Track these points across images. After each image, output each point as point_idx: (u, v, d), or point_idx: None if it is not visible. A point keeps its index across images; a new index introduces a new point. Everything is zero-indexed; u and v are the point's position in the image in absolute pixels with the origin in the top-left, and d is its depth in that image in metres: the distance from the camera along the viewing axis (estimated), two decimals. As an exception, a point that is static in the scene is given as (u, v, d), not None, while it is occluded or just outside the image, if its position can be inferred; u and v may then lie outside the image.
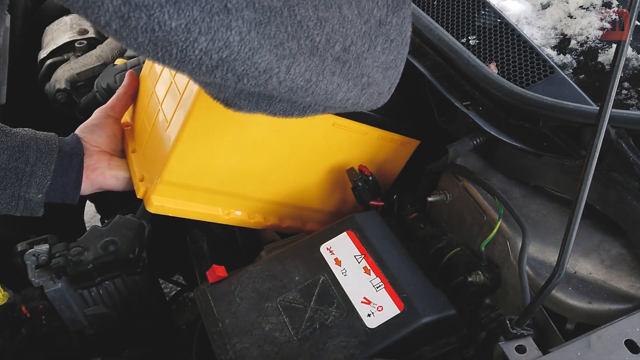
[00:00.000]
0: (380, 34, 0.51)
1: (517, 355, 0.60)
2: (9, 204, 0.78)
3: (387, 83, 0.57)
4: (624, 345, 0.60)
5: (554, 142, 0.76)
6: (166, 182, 0.79)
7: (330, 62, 0.49)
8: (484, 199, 0.79)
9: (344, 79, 0.52)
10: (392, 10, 0.51)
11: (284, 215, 0.95)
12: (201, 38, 0.41)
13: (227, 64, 0.44)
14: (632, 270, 0.70)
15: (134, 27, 0.39)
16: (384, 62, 0.54)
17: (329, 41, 0.47)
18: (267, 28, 0.43)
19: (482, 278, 0.76)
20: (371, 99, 0.57)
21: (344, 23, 0.47)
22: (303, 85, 0.49)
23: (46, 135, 0.82)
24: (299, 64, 0.47)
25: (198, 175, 0.81)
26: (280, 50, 0.45)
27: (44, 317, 1.00)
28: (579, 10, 0.97)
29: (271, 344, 0.70)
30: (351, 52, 0.49)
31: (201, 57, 0.43)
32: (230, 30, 0.42)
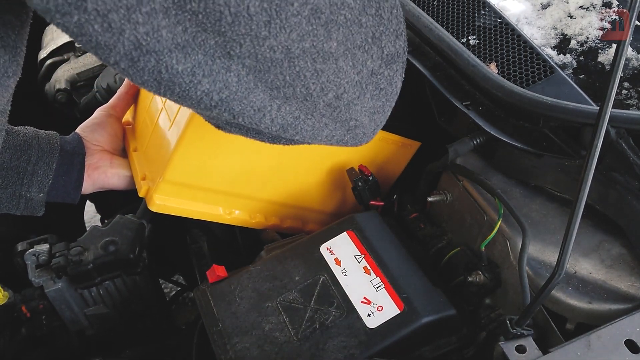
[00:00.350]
0: (370, 83, 0.53)
1: (517, 355, 0.60)
2: (10, 202, 0.78)
3: (373, 125, 0.60)
4: (624, 345, 0.60)
5: (554, 142, 0.76)
6: (168, 181, 0.79)
7: (321, 107, 0.51)
8: (484, 199, 0.79)
9: (332, 121, 0.54)
10: (386, 63, 0.53)
11: (284, 216, 0.95)
12: (204, 80, 0.43)
13: (226, 104, 0.46)
14: (632, 270, 0.70)
15: (142, 68, 0.41)
16: (372, 107, 0.56)
17: (323, 89, 0.49)
18: (266, 75, 0.45)
19: (482, 278, 0.76)
20: (355, 138, 0.60)
21: (338, 74, 0.49)
22: (292, 123, 0.51)
23: (47, 134, 0.82)
24: (292, 106, 0.49)
25: (200, 175, 0.81)
26: (275, 93, 0.47)
27: (44, 317, 1.00)
28: (579, 10, 0.97)
29: (271, 344, 0.70)
30: (343, 99, 0.52)
31: (202, 97, 0.45)
32: (229, 72, 0.44)
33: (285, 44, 0.43)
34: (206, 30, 0.40)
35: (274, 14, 0.41)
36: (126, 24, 0.38)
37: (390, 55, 0.53)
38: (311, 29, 0.44)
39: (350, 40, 0.48)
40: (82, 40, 0.39)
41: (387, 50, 0.52)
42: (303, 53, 0.45)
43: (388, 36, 0.51)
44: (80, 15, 0.37)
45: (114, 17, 0.37)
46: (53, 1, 0.36)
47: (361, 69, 0.51)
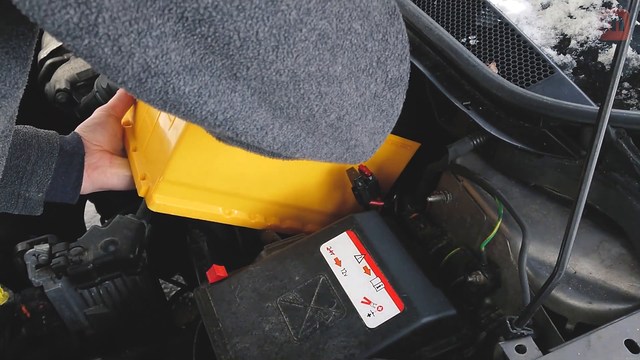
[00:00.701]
0: (373, 105, 0.54)
1: (517, 355, 0.60)
2: (9, 202, 0.78)
3: (372, 145, 0.60)
4: (624, 345, 0.60)
5: (554, 142, 0.75)
6: (168, 181, 0.79)
7: (323, 127, 0.52)
8: (483, 199, 0.79)
9: (333, 140, 0.55)
10: (389, 86, 0.54)
11: (284, 216, 0.95)
12: (210, 101, 0.44)
13: (230, 123, 0.47)
14: (632, 270, 0.70)
15: (149, 88, 0.42)
16: (373, 128, 0.57)
17: (326, 111, 0.50)
18: (270, 96, 0.46)
19: (482, 278, 0.76)
20: (355, 157, 0.61)
21: (342, 96, 0.50)
22: (293, 141, 0.52)
23: (47, 133, 0.82)
24: (293, 125, 0.50)
25: (199, 175, 0.81)
26: (279, 113, 0.48)
27: (44, 317, 1.00)
28: (579, 10, 0.97)
29: (271, 344, 0.70)
30: (344, 120, 0.52)
31: (207, 116, 0.45)
32: (234, 92, 0.44)
33: (292, 68, 0.44)
34: (214, 52, 0.41)
35: (282, 39, 0.42)
36: (136, 47, 0.38)
37: (394, 79, 0.54)
38: (318, 54, 0.44)
39: (355, 64, 0.48)
40: (92, 62, 0.39)
41: (391, 74, 0.53)
42: (308, 76, 0.45)
43: (393, 60, 0.52)
44: (91, 39, 0.37)
45: (124, 41, 0.38)
46: (65, 25, 0.36)
47: (364, 91, 0.51)
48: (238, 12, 0.39)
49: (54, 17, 0.35)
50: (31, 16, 0.35)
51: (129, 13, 0.37)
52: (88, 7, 0.35)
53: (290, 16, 0.41)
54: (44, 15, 0.35)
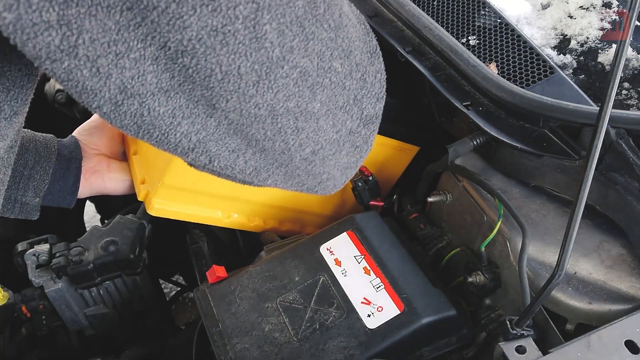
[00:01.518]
0: (348, 141, 0.54)
1: (517, 356, 0.60)
2: (5, 206, 0.77)
3: (344, 178, 0.61)
4: (624, 346, 0.60)
5: (554, 143, 0.75)
6: (167, 185, 0.80)
7: (297, 161, 0.52)
8: (483, 200, 0.79)
9: (306, 174, 0.55)
10: (364, 123, 0.54)
11: (283, 219, 0.95)
12: (183, 122, 0.44)
13: (203, 145, 0.46)
14: (632, 270, 0.70)
15: (124, 112, 0.42)
16: (346, 163, 0.57)
17: (301, 145, 0.50)
18: (247, 128, 0.46)
19: (482, 278, 0.76)
20: (326, 189, 0.61)
21: (318, 132, 0.50)
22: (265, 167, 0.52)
23: (45, 137, 0.81)
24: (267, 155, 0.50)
25: (198, 179, 0.81)
26: (253, 143, 0.48)
27: (44, 317, 1.00)
28: (579, 10, 0.97)
29: (271, 345, 0.70)
30: (318, 154, 0.53)
31: (180, 140, 0.45)
32: (210, 118, 0.44)
33: (271, 103, 0.44)
34: (194, 82, 0.41)
35: (264, 75, 0.42)
36: (113, 68, 0.38)
37: (369, 117, 0.54)
38: (297, 90, 0.45)
39: (333, 102, 0.48)
40: (68, 85, 0.39)
41: (366, 112, 0.53)
42: (287, 112, 0.46)
43: (370, 99, 0.52)
44: (71, 61, 0.37)
45: (102, 62, 0.38)
46: (45, 48, 0.36)
47: (340, 127, 0.52)
48: (222, 46, 0.39)
49: (36, 40, 0.35)
50: (12, 39, 0.35)
51: (109, 35, 0.37)
52: (69, 28, 0.35)
53: (273, 53, 0.41)
54: (26, 38, 0.35)
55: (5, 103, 0.46)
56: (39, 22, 0.35)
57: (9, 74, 0.45)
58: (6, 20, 0.34)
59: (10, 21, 0.34)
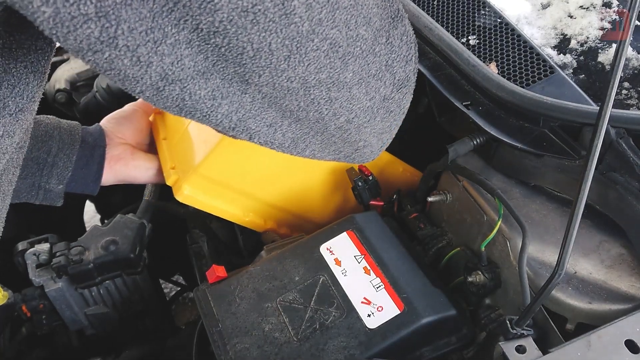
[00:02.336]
0: (382, 108, 0.55)
1: (517, 356, 0.60)
2: (29, 193, 0.78)
3: (380, 144, 0.61)
4: (624, 346, 0.60)
5: (554, 142, 0.75)
6: (201, 174, 0.80)
7: (332, 129, 0.53)
8: (483, 199, 0.79)
9: (342, 141, 0.56)
10: (397, 87, 0.54)
11: (295, 227, 0.95)
12: (223, 102, 0.45)
13: (243, 123, 0.48)
14: (632, 270, 0.70)
15: (166, 96, 0.43)
16: (381, 128, 0.58)
17: (335, 114, 0.51)
18: (281, 101, 0.47)
19: (482, 278, 0.76)
20: (363, 156, 0.61)
21: (351, 100, 0.50)
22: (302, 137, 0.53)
23: (69, 124, 0.81)
24: (302, 125, 0.51)
25: (230, 175, 0.83)
26: (288, 115, 0.49)
27: (44, 316, 1.00)
28: (579, 10, 0.97)
29: (271, 345, 0.70)
30: (353, 123, 0.53)
31: (222, 120, 0.46)
32: (245, 94, 0.45)
33: (303, 75, 0.45)
34: (227, 60, 0.42)
35: (294, 49, 0.42)
36: (153, 56, 0.39)
37: (401, 80, 0.54)
38: (329, 62, 0.45)
39: (365, 70, 0.49)
40: (111, 74, 0.40)
41: (398, 76, 0.53)
42: (319, 83, 0.46)
43: (399, 62, 0.53)
44: (112, 52, 0.38)
45: (142, 51, 0.39)
46: (86, 40, 0.37)
47: (374, 95, 0.52)
48: (252, 25, 0.39)
49: (76, 33, 0.36)
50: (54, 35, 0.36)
51: (145, 23, 0.37)
52: (108, 20, 0.36)
53: (302, 27, 0.41)
54: (67, 32, 0.36)
55: (10, 99, 0.46)
56: (78, 15, 0.35)
57: (14, 71, 0.45)
58: (45, 14, 0.35)
59: (49, 15, 0.35)
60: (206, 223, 1.05)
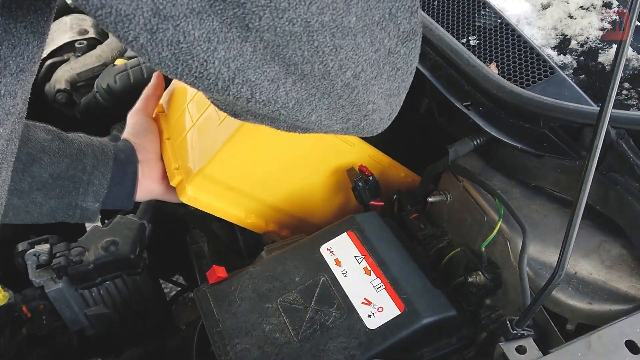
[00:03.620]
0: (388, 62, 0.53)
1: (518, 356, 0.60)
2: (66, 212, 0.77)
3: (389, 109, 0.59)
4: (624, 346, 0.60)
5: (554, 143, 0.75)
6: (205, 175, 0.80)
7: (339, 87, 0.51)
8: (484, 200, 0.79)
9: (350, 104, 0.53)
10: (402, 41, 0.52)
11: (296, 229, 0.96)
12: (219, 47, 0.43)
13: (242, 75, 0.45)
14: (633, 271, 0.70)
15: (160, 40, 0.41)
16: (388, 89, 0.56)
17: (341, 67, 0.49)
18: (284, 50, 0.45)
19: (483, 279, 0.76)
20: (372, 124, 0.59)
21: (357, 51, 0.49)
22: (307, 99, 0.50)
23: (101, 142, 0.80)
24: (308, 83, 0.49)
25: (235, 176, 0.83)
26: (292, 69, 0.47)
27: (44, 317, 1.00)
28: (579, 10, 0.97)
29: (271, 345, 0.70)
30: (360, 78, 0.51)
31: (220, 69, 0.44)
32: (246, 42, 0.43)
33: (305, 17, 0.43)
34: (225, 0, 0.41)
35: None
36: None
37: (405, 33, 0.52)
38: (331, 2, 0.44)
39: (369, 16, 0.47)
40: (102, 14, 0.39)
41: (402, 28, 0.51)
42: (322, 27, 0.45)
43: (404, 12, 0.51)
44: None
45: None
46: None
47: (379, 47, 0.50)
48: None
49: None
50: None
51: None
52: None
53: None
54: None
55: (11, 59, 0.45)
56: None
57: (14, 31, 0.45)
58: None
59: None
60: (206, 223, 1.05)
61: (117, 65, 1.23)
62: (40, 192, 0.74)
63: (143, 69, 1.18)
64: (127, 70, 1.19)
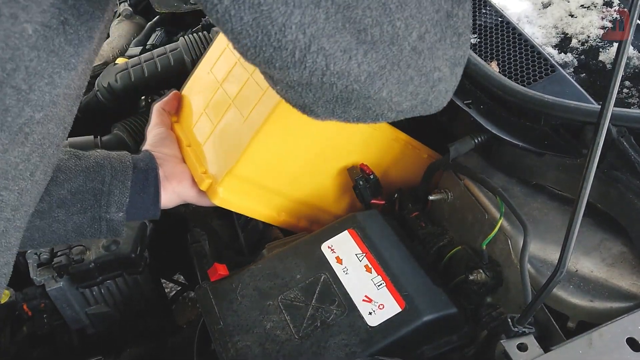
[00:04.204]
0: (449, 27, 0.53)
1: (519, 354, 0.60)
2: (92, 227, 0.76)
3: (454, 80, 0.59)
4: (625, 343, 0.60)
5: (555, 141, 0.76)
6: (235, 175, 0.80)
7: (407, 53, 0.51)
8: (485, 198, 0.79)
9: (417, 73, 0.53)
10: (457, 3, 0.53)
11: (324, 223, 0.95)
12: (296, 11, 0.44)
13: (317, 42, 0.46)
14: (634, 268, 0.70)
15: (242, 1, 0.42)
16: (452, 56, 0.56)
17: (407, 27, 0.49)
18: (354, 12, 0.46)
19: (483, 277, 0.76)
20: (439, 97, 0.58)
21: (420, 9, 0.49)
22: (378, 72, 0.51)
23: (119, 154, 0.80)
24: (378, 53, 0.49)
25: (264, 173, 0.83)
26: (363, 37, 0.48)
27: (45, 315, 1.00)
28: (580, 9, 0.97)
29: (272, 342, 0.70)
30: (426, 41, 0.51)
31: (297, 35, 0.45)
32: (318, 8, 0.44)
33: None
34: None
35: None
36: None
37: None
38: None
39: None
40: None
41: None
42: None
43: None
44: None
45: None
46: None
47: (439, 7, 0.51)
48: None
49: None
50: None
51: None
52: None
53: None
54: None
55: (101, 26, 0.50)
56: None
57: None
58: None
59: None
60: (207, 222, 1.05)
61: (118, 64, 1.23)
62: (61, 210, 0.73)
63: (144, 67, 1.19)
64: (128, 69, 1.19)
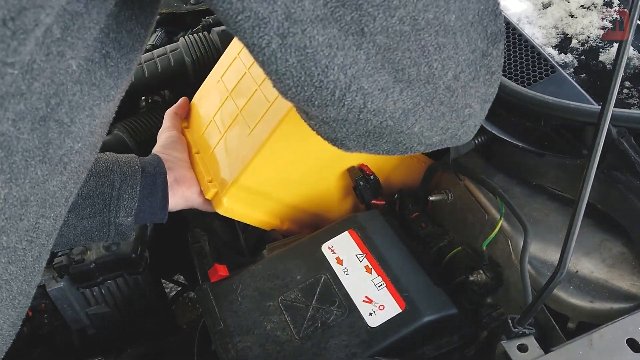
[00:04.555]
0: (483, 66, 0.54)
1: (519, 354, 0.60)
2: (100, 231, 0.77)
3: (482, 115, 0.60)
4: (625, 344, 0.60)
5: (555, 141, 0.76)
6: (239, 185, 0.81)
7: (441, 91, 0.52)
8: (485, 198, 0.80)
9: (449, 110, 0.55)
10: (492, 42, 0.54)
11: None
12: (339, 53, 0.45)
13: (357, 82, 0.48)
14: (634, 269, 0.70)
15: (290, 44, 0.44)
16: (484, 94, 0.57)
17: (444, 67, 0.50)
18: (394, 53, 0.47)
19: (484, 277, 0.76)
20: (468, 132, 0.60)
21: (457, 50, 0.50)
22: (412, 109, 0.52)
23: (127, 157, 0.81)
24: (413, 91, 0.51)
25: (268, 184, 0.84)
26: (400, 75, 0.49)
27: (45, 315, 1.00)
28: (580, 9, 0.97)
29: (273, 343, 0.70)
30: (460, 80, 0.53)
31: (338, 76, 0.46)
32: (360, 50, 0.46)
33: (413, 14, 0.46)
34: (344, 5, 0.43)
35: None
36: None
37: (493, 34, 0.54)
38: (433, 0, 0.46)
39: (464, 15, 0.49)
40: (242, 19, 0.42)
41: (490, 29, 0.53)
42: (427, 25, 0.47)
43: (489, 15, 0.53)
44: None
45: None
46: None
47: (475, 47, 0.52)
48: None
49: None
50: None
51: None
52: None
53: None
54: None
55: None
56: None
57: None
58: None
59: None
60: (207, 222, 1.05)
61: (118, 64, 1.23)
62: (71, 214, 0.74)
63: (144, 68, 1.18)
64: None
